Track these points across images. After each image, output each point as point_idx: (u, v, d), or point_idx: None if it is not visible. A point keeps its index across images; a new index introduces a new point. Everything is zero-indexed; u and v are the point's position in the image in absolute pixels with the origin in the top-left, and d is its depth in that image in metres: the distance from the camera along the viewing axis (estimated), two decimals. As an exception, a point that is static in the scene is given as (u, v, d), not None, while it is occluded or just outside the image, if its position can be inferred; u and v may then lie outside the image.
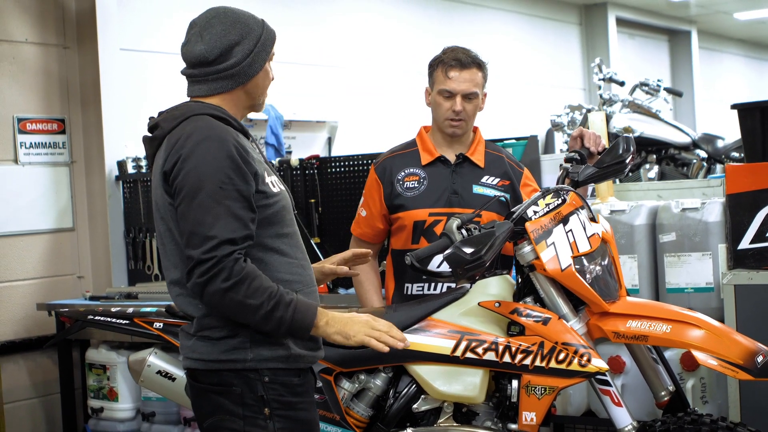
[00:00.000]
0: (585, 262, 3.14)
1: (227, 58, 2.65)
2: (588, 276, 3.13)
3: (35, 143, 5.68)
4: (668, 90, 6.86)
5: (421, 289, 3.62)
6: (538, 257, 3.12)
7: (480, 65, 3.65)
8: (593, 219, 3.27)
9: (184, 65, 2.74)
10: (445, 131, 3.69)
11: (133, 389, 5.24)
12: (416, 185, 3.66)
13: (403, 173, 3.70)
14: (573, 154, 3.43)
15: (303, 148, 6.98)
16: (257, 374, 2.59)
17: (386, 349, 2.66)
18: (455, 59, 3.62)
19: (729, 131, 6.53)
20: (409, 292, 3.65)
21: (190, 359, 2.67)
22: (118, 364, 5.20)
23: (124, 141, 5.89)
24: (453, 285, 3.47)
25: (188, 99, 2.74)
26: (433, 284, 3.59)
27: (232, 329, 2.59)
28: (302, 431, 2.66)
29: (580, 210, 3.23)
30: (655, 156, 6.50)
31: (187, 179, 2.52)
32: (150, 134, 2.72)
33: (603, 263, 3.19)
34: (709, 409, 3.90)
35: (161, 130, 2.66)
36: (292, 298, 2.56)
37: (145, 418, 5.18)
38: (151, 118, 2.76)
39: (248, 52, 2.67)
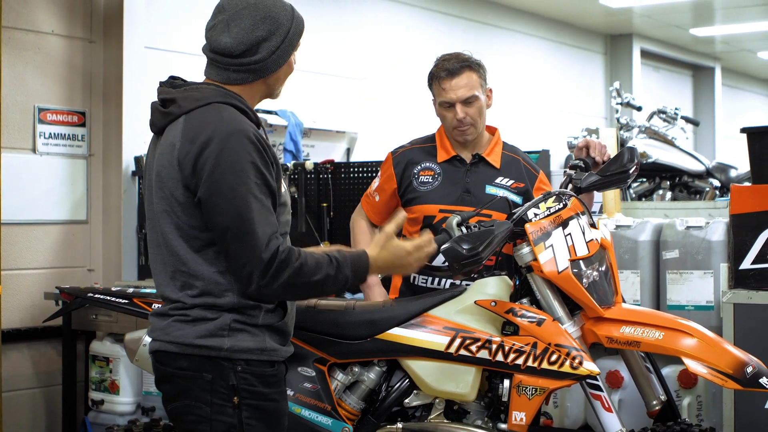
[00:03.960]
0: (582, 266, 3.16)
1: (252, 53, 2.62)
2: (585, 280, 3.15)
3: (54, 134, 5.74)
4: (685, 119, 6.89)
5: (425, 281, 3.65)
6: (536, 258, 3.15)
7: (472, 66, 3.65)
8: (593, 225, 3.29)
9: (205, 43, 2.70)
10: (456, 139, 3.73)
11: (134, 383, 5.26)
12: (430, 180, 3.71)
13: (419, 167, 3.74)
14: (578, 161, 3.46)
15: (321, 156, 7.02)
16: (231, 363, 2.57)
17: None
18: (444, 69, 3.63)
19: (746, 164, 6.53)
20: (416, 282, 3.68)
21: (160, 341, 2.62)
22: (121, 357, 5.21)
23: (142, 137, 5.93)
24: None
25: (204, 78, 2.71)
26: (437, 279, 3.61)
27: (214, 312, 2.57)
28: (269, 421, 2.64)
29: (581, 215, 3.26)
30: (668, 182, 6.51)
31: (225, 176, 2.49)
32: (162, 106, 2.66)
33: (600, 269, 3.21)
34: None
35: (178, 108, 2.60)
36: (343, 253, 2.63)
37: (145, 412, 5.19)
38: (162, 85, 2.70)
39: (274, 49, 2.64)
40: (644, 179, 6.63)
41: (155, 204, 2.63)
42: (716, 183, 6.53)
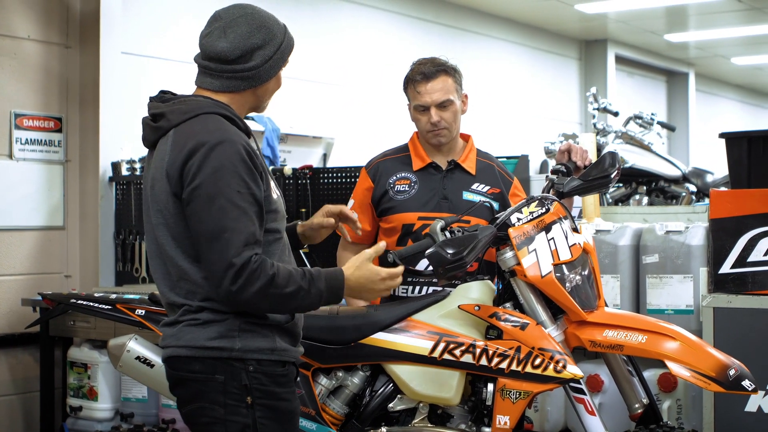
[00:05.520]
0: (565, 270, 3.18)
1: (247, 60, 2.66)
2: (567, 284, 3.17)
3: (31, 140, 5.71)
4: (661, 124, 6.93)
5: (405, 291, 3.64)
6: (519, 263, 3.16)
7: (447, 71, 3.64)
8: (576, 229, 3.31)
9: (198, 52, 2.73)
10: (430, 142, 3.73)
11: (113, 389, 5.23)
12: (407, 189, 3.69)
13: (394, 177, 3.72)
14: (559, 166, 3.48)
15: (298, 162, 7.01)
16: (242, 363, 2.60)
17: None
18: (420, 73, 3.64)
19: (721, 169, 6.58)
20: (395, 293, 3.65)
21: (172, 347, 2.65)
22: (99, 363, 5.19)
23: (119, 143, 5.93)
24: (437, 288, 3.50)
25: (195, 88, 2.74)
26: (417, 287, 3.61)
27: (222, 314, 2.61)
28: (283, 421, 2.67)
29: (563, 219, 3.28)
30: (645, 187, 6.55)
31: (205, 183, 2.53)
32: (153, 121, 2.70)
33: (583, 273, 3.23)
34: (685, 431, 3.93)
35: (167, 122, 2.65)
36: (318, 269, 2.65)
37: (124, 418, 5.17)
38: (152, 100, 2.73)
39: (267, 58, 2.69)
40: (621, 184, 6.66)
41: (152, 217, 2.66)
42: (692, 188, 6.57)
